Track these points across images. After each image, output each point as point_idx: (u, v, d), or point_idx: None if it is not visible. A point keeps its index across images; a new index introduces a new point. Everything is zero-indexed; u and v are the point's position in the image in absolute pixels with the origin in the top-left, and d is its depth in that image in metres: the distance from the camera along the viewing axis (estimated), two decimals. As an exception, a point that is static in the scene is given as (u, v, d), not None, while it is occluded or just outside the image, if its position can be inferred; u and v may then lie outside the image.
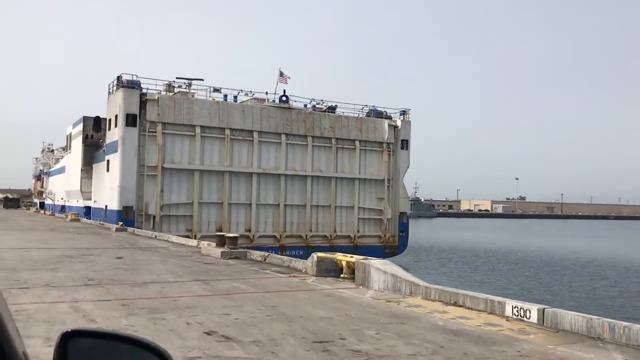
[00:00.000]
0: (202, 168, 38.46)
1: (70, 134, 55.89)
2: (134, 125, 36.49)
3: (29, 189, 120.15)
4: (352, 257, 11.45)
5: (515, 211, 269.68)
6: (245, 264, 14.17)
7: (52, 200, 71.97)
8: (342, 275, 11.61)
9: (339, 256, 11.59)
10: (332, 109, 44.10)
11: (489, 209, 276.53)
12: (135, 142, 36.43)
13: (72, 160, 54.75)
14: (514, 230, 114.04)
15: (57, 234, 25.10)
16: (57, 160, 73.43)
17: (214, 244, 17.14)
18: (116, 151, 36.74)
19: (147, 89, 37.73)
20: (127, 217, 35.76)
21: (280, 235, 41.05)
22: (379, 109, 46.10)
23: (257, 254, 15.35)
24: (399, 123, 45.62)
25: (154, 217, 36.68)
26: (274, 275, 11.99)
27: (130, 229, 28.83)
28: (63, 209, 61.90)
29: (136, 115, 36.57)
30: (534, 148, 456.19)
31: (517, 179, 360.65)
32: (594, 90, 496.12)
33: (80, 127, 50.51)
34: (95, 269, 12.35)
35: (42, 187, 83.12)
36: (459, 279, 35.00)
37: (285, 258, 13.88)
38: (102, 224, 34.53)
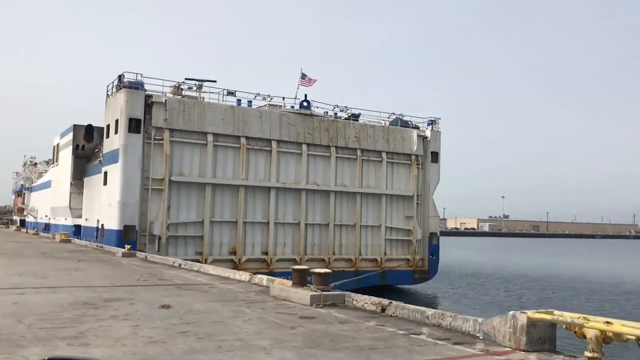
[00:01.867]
0: (215, 182, 33.54)
1: (58, 144, 50.48)
2: (138, 131, 31.53)
3: (7, 206, 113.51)
4: (604, 321, 6.72)
5: (502, 230, 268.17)
6: (360, 318, 9.37)
7: (35, 217, 66.08)
8: (587, 355, 6.75)
9: (568, 316, 6.88)
10: (355, 116, 39.62)
11: (475, 227, 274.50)
12: (139, 150, 31.43)
13: (60, 173, 49.32)
14: (512, 250, 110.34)
15: (53, 261, 19.93)
16: (41, 175, 67.71)
17: (287, 283, 12.33)
18: (116, 161, 31.67)
19: (152, 92, 32.84)
20: (127, 238, 30.64)
21: (301, 259, 36.13)
22: (404, 118, 41.72)
23: (363, 300, 10.56)
24: (428, 133, 41.27)
25: (159, 238, 31.57)
26: (444, 354, 7.24)
27: (140, 254, 23.74)
28: (47, 227, 56.18)
29: (140, 120, 31.63)
30: (519, 165, 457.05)
31: (502, 197, 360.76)
32: (578, 107, 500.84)
33: (69, 136, 45.21)
34: (144, 334, 7.46)
35: (23, 203, 77.01)
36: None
37: (430, 312, 9.09)
38: (101, 247, 29.31)
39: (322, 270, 11.25)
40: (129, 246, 24.60)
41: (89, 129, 43.77)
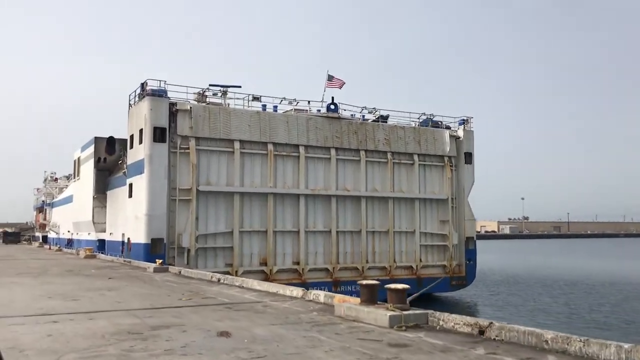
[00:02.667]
0: (243, 190, 32.20)
1: (79, 158, 49.60)
2: (163, 140, 30.32)
3: (29, 222, 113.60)
4: None
5: (523, 231, 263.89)
6: (459, 343, 7.82)
7: (57, 233, 65.38)
8: None
9: None
10: (383, 118, 38.10)
11: (496, 230, 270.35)
12: (165, 160, 30.22)
13: (82, 187, 48.41)
14: (537, 251, 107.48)
15: (81, 279, 18.62)
16: (62, 190, 67.06)
17: (350, 299, 10.82)
18: (141, 172, 30.47)
19: (176, 99, 31.64)
20: (155, 251, 29.39)
21: (334, 268, 34.61)
22: (435, 118, 40.08)
23: (452, 320, 8.99)
24: (460, 133, 39.58)
25: (188, 250, 30.26)
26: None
27: (172, 269, 22.38)
28: (70, 243, 55.32)
29: (165, 128, 30.45)
30: (537, 166, 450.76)
31: (522, 198, 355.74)
32: (596, 104, 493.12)
33: (90, 149, 44.28)
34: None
35: (44, 219, 76.50)
36: (578, 319, 28.46)
37: (549, 334, 7.50)
38: (129, 262, 28.05)
39: (400, 286, 9.72)
40: (160, 260, 23.27)
41: (111, 141, 42.78)
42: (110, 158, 42.80)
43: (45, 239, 72.58)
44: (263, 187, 32.85)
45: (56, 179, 74.00)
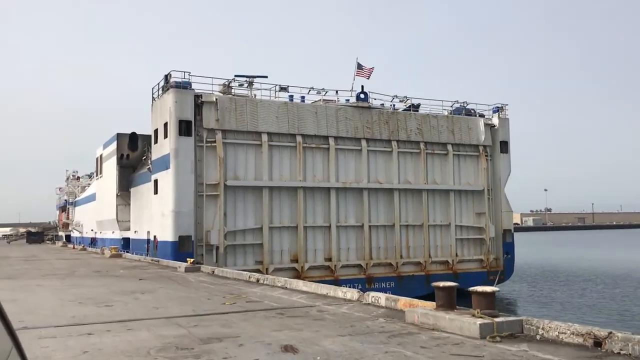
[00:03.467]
0: (272, 184, 30.92)
1: (101, 155, 48.86)
2: (189, 134, 29.15)
3: (52, 222, 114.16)
4: None
5: (547, 223, 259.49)
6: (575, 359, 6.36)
7: (80, 232, 65.02)
8: None
9: None
10: (414, 107, 36.49)
11: (519, 222, 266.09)
12: (191, 154, 29.05)
13: (105, 185, 47.65)
14: (564, 243, 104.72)
15: (111, 281, 17.49)
16: (84, 189, 66.63)
17: (418, 303, 9.44)
18: (167, 168, 29.35)
19: (201, 91, 30.44)
20: (183, 249, 28.28)
21: (367, 265, 33.20)
22: (468, 106, 38.34)
23: (556, 328, 7.54)
24: (495, 121, 37.81)
25: (217, 248, 29.10)
26: None
27: (204, 268, 21.15)
28: (94, 241, 54.74)
29: (191, 121, 29.27)
30: (559, 157, 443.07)
31: (545, 190, 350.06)
32: (616, 94, 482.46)
33: (113, 146, 43.45)
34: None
35: (67, 218, 76.30)
36: (632, 316, 26.69)
37: None
38: (157, 261, 26.96)
39: (488, 289, 8.31)
40: (191, 259, 22.08)
41: (133, 137, 41.91)
42: (133, 154, 41.92)
43: (68, 238, 72.37)
44: (292, 181, 31.55)
45: (78, 178, 73.67)
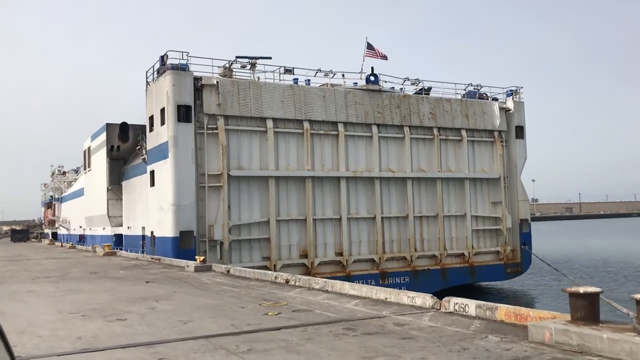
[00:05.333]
0: (278, 174, 28.59)
1: (89, 148, 46.04)
2: (188, 120, 26.69)
3: (37, 219, 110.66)
4: None
5: (535, 214, 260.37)
6: None
7: (67, 229, 62.06)
8: None
9: None
10: (426, 91, 34.30)
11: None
12: (191, 142, 26.60)
13: (94, 179, 44.90)
14: (557, 234, 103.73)
15: (114, 285, 15.05)
16: (71, 184, 63.65)
17: (551, 315, 7.21)
18: (165, 157, 26.87)
19: (200, 73, 27.92)
20: (185, 245, 25.90)
21: (380, 259, 31.04)
22: (481, 90, 36.24)
23: None
24: (510, 105, 35.76)
25: (221, 243, 26.72)
26: None
27: (217, 267, 18.76)
28: (82, 239, 51.96)
29: (190, 106, 26.80)
30: (544, 147, 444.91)
31: (533, 180, 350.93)
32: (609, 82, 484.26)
33: (102, 137, 40.70)
34: None
35: (53, 215, 73.18)
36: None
37: None
38: (158, 259, 24.52)
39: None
40: (202, 257, 19.69)
41: (124, 127, 39.27)
42: (124, 146, 39.30)
43: (55, 235, 69.39)
44: (300, 170, 29.24)
45: (64, 173, 70.59)
